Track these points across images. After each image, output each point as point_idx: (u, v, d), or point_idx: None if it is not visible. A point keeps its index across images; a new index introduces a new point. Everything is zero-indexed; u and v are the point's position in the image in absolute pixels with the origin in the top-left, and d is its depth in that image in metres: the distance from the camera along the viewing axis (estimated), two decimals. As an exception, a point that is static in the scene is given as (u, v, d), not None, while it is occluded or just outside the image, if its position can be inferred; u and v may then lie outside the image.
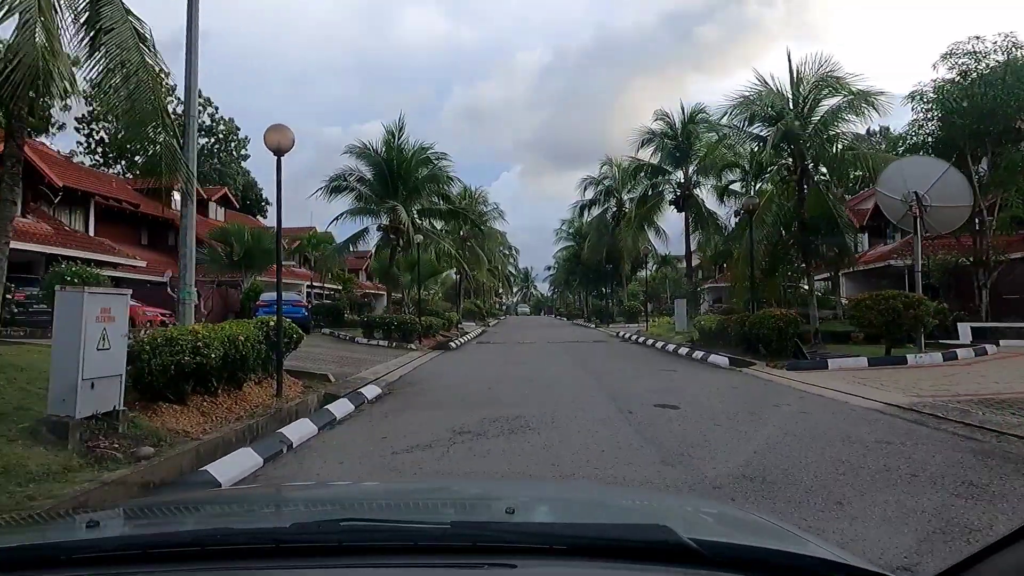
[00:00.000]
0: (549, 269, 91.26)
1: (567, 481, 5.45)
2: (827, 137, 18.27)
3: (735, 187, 30.05)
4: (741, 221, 23.08)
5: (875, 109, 17.44)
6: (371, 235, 28.51)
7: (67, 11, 8.33)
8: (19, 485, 4.78)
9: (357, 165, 27.37)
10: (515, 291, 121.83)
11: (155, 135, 9.15)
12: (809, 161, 18.47)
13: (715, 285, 42.53)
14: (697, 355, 17.90)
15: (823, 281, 27.45)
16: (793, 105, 18.48)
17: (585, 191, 46.55)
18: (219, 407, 8.33)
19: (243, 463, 5.85)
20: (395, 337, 23.21)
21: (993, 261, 20.55)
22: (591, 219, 47.99)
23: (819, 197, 18.75)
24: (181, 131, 10.12)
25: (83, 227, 28.38)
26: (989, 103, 19.87)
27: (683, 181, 31.80)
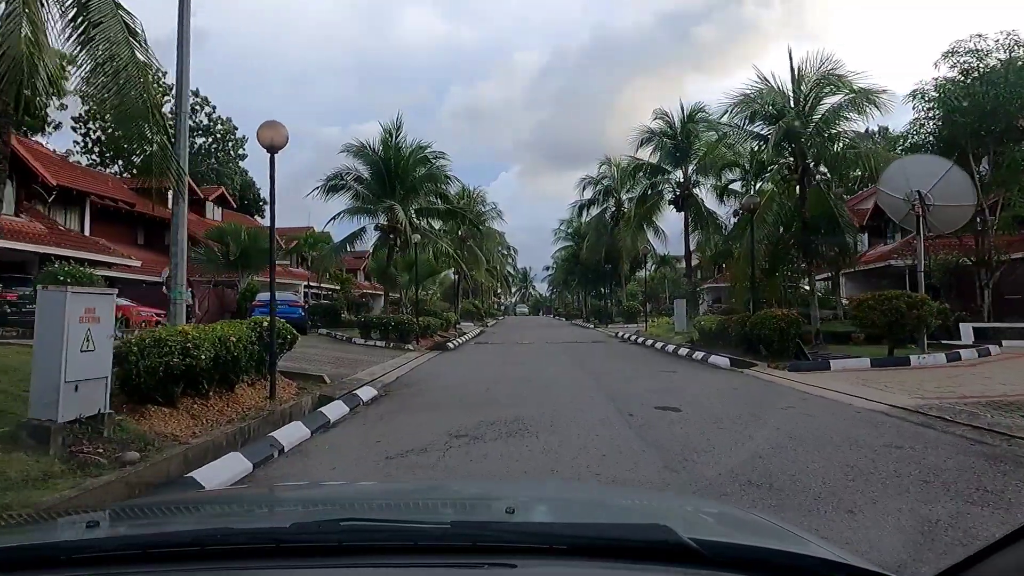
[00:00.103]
0: (548, 269, 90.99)
1: (567, 481, 5.40)
2: (828, 136, 18.10)
3: (735, 186, 29.94)
4: (741, 220, 22.91)
5: (877, 107, 17.27)
6: (369, 235, 28.34)
7: (54, 4, 8.14)
8: (-5, 492, 4.59)
9: (354, 164, 27.20)
10: (513, 291, 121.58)
11: (146, 131, 8.95)
12: (810, 160, 18.28)
13: (714, 285, 42.33)
14: (697, 356, 17.73)
15: (823, 281, 27.29)
16: (794, 103, 18.30)
17: (584, 191, 46.36)
18: (210, 410, 8.14)
19: (232, 468, 5.65)
20: (392, 338, 23.02)
21: (995, 261, 20.38)
22: (590, 219, 47.78)
23: (820, 196, 18.58)
24: (173, 128, 9.90)
25: (78, 227, 28.21)
26: (991, 102, 19.73)
27: (682, 180, 31.62)
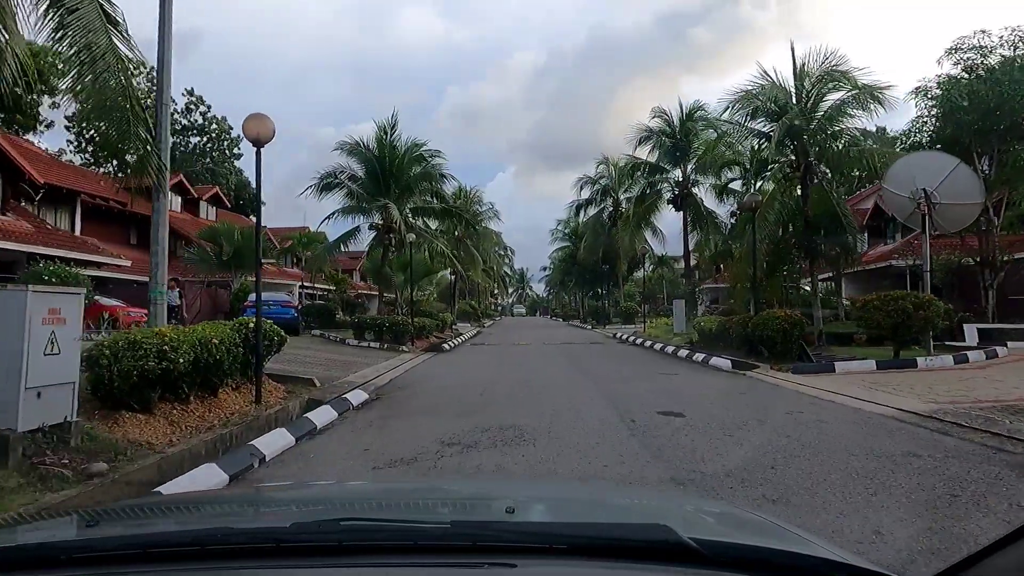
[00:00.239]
0: (545, 270, 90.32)
1: (567, 480, 5.29)
2: (831, 133, 17.75)
3: (735, 185, 29.61)
4: (742, 219, 22.57)
5: (880, 104, 16.93)
6: (364, 234, 27.87)
7: (25, -12, 7.74)
8: (-60, 510, 4.18)
9: (348, 162, 26.75)
10: (510, 292, 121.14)
11: (125, 124, 8.55)
12: (813, 158, 17.93)
13: (713, 286, 41.97)
14: (697, 357, 17.35)
15: (824, 281, 26.98)
16: (796, 100, 17.94)
17: (581, 191, 45.99)
18: (190, 416, 7.73)
19: (205, 480, 5.24)
20: (387, 339, 22.61)
21: (1000, 261, 20.05)
22: (587, 219, 47.44)
23: (822, 194, 18.24)
24: (154, 120, 9.50)
25: (69, 226, 27.80)
26: (995, 99, 19.42)
27: (681, 179, 31.27)
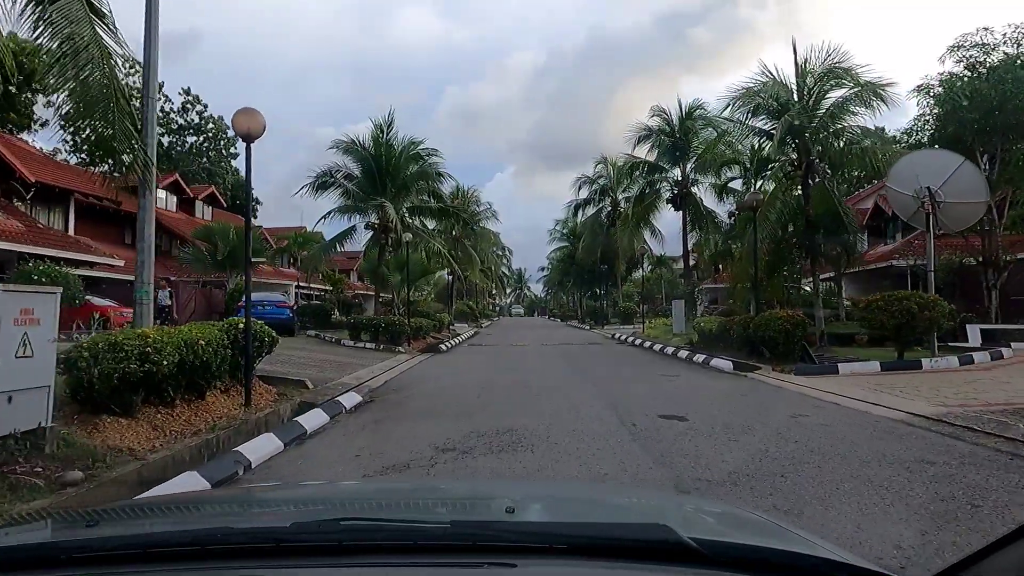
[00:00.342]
0: (543, 270, 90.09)
1: (567, 480, 5.24)
2: (833, 131, 17.51)
3: (735, 184, 29.35)
4: (741, 218, 22.34)
5: (884, 101, 16.67)
6: (361, 234, 27.56)
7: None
8: None
9: (344, 161, 26.42)
10: (508, 292, 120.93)
11: (109, 118, 8.28)
12: (815, 156, 17.68)
13: (711, 286, 41.76)
14: (698, 359, 17.11)
15: (824, 282, 26.78)
16: (798, 97, 17.69)
17: (579, 190, 45.69)
18: (176, 420, 7.46)
19: (184, 490, 4.96)
20: (383, 339, 22.33)
21: (1003, 261, 19.83)
22: (585, 219, 47.16)
23: (824, 194, 17.98)
24: (140, 115, 9.23)
25: (63, 225, 27.56)
26: (998, 97, 19.23)
27: (680, 179, 30.98)
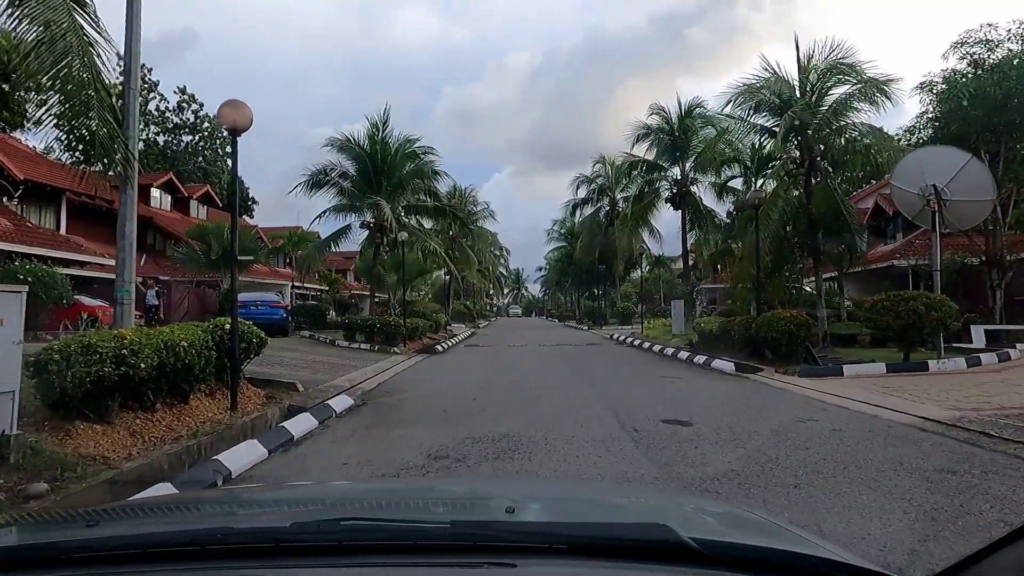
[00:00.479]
0: (540, 270, 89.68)
1: (567, 480, 5.21)
2: (836, 128, 17.20)
3: (735, 183, 29.04)
4: (742, 217, 22.03)
5: (887, 97, 16.38)
6: (357, 234, 27.21)
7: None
8: None
9: (339, 159, 26.06)
10: (506, 292, 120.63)
11: (88, 109, 7.95)
12: (817, 154, 17.38)
13: (711, 286, 41.46)
14: (699, 360, 16.78)
15: (826, 281, 26.51)
16: (800, 93, 17.38)
17: (577, 190, 45.44)
18: (156, 425, 7.11)
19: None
20: (378, 340, 21.98)
21: (1007, 261, 19.53)
22: (583, 218, 46.91)
23: (826, 192, 17.70)
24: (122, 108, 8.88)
25: (54, 224, 27.26)
26: (1002, 95, 18.94)
27: (680, 177, 30.68)
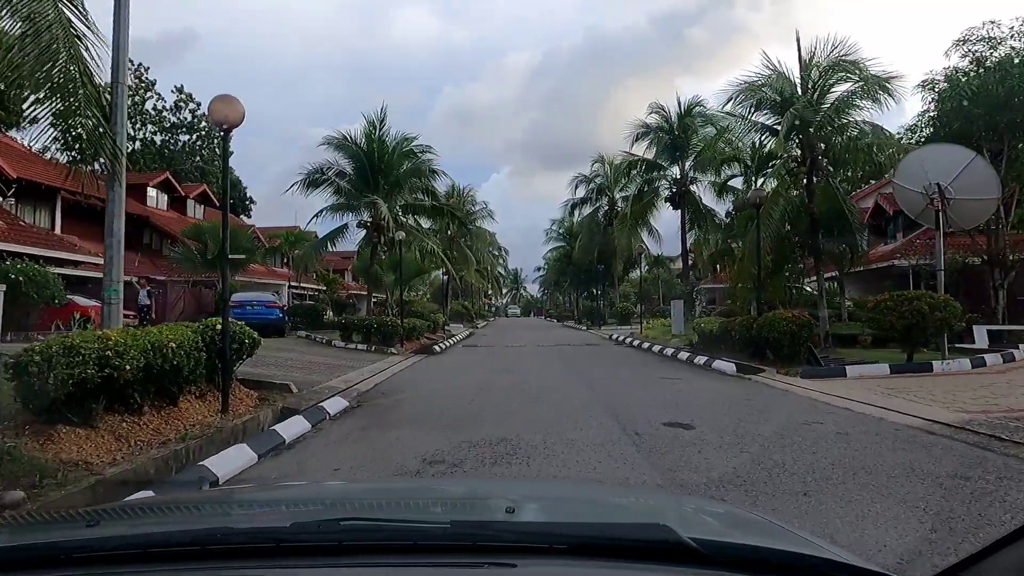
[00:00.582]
0: (539, 270, 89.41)
1: (567, 480, 5.20)
2: (838, 126, 17.02)
3: (735, 182, 28.87)
4: (742, 217, 21.85)
5: (890, 95, 16.20)
6: (354, 233, 27.00)
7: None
8: None
9: (336, 158, 25.87)
10: (504, 292, 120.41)
11: (74, 103, 7.75)
12: (818, 153, 17.19)
13: (710, 286, 41.27)
14: (699, 360, 16.59)
15: (827, 281, 26.36)
16: (802, 91, 17.20)
17: (576, 189, 45.32)
18: (142, 429, 6.90)
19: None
20: (375, 340, 21.76)
21: (1010, 260, 19.37)
22: (582, 218, 46.77)
23: (827, 191, 17.52)
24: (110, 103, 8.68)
25: (48, 223, 27.11)
26: (1005, 92, 18.78)
27: (679, 177, 30.51)
